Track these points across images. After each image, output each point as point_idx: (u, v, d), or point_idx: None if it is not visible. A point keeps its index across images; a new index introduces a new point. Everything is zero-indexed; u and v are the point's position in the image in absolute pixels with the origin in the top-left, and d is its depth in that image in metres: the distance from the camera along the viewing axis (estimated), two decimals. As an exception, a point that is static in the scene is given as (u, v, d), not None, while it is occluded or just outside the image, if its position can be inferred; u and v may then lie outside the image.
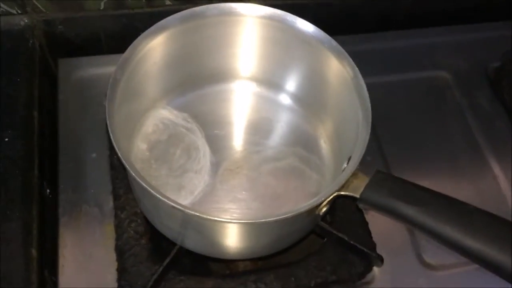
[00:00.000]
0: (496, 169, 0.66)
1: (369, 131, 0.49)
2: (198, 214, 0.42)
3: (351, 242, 0.55)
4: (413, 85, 0.72)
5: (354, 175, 0.46)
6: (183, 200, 0.56)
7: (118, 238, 0.56)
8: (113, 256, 0.56)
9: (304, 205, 0.44)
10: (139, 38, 0.51)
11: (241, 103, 0.63)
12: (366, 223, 0.59)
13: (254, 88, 0.63)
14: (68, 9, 0.65)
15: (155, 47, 0.53)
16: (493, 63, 0.74)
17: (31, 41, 0.64)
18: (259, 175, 0.58)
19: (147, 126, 0.59)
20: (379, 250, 0.57)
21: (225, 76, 0.62)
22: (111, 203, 0.59)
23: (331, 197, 0.45)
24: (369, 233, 0.58)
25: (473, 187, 0.64)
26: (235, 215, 0.55)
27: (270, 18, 0.56)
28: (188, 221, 0.46)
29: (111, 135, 0.44)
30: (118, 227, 0.57)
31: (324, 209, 0.47)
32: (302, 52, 0.56)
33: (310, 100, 0.60)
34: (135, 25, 0.69)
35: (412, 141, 0.67)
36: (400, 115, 0.69)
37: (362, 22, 0.77)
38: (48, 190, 0.59)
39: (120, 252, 0.55)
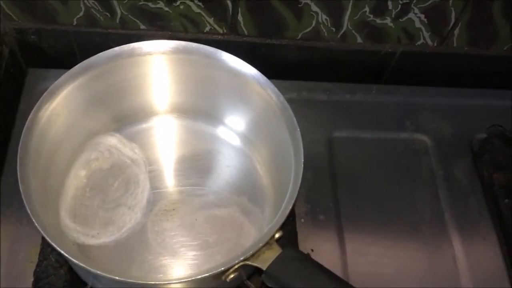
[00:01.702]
0: (458, 250, 0.61)
1: (296, 192, 0.46)
2: (84, 265, 0.40)
3: (274, 308, 0.52)
4: (389, 145, 0.68)
5: (268, 245, 0.43)
6: (108, 236, 0.54)
7: (38, 263, 0.55)
8: (30, 280, 0.54)
9: (203, 271, 0.41)
10: (65, 75, 0.52)
11: (189, 138, 0.61)
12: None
13: (200, 125, 0.61)
14: (40, 21, 0.65)
15: (84, 83, 0.53)
16: (480, 134, 0.69)
17: (-1, 48, 0.64)
18: (194, 220, 0.56)
19: (91, 152, 0.58)
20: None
21: (171, 110, 0.60)
22: (42, 225, 0.57)
23: (236, 266, 0.42)
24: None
25: (429, 264, 0.60)
26: (159, 259, 0.53)
27: (188, 52, 0.54)
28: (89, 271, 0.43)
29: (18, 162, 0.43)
30: (41, 252, 0.55)
31: (232, 275, 0.43)
32: (230, 84, 0.55)
33: (251, 135, 0.59)
34: (109, 45, 0.67)
35: (374, 205, 0.63)
36: (368, 175, 0.65)
37: (348, 71, 0.73)
38: (-14, 202, 0.58)
39: (37, 278, 0.54)
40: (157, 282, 0.40)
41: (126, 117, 0.59)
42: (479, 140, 0.68)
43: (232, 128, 0.60)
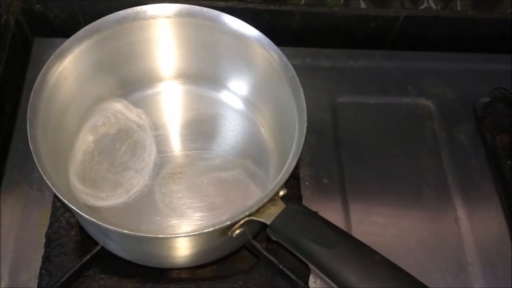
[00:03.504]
0: (460, 211, 0.62)
1: (300, 149, 0.46)
2: (94, 220, 0.41)
3: (280, 267, 0.53)
4: (392, 110, 0.68)
5: (272, 201, 0.44)
6: (117, 199, 0.55)
7: (50, 225, 0.56)
8: (43, 242, 0.55)
9: (209, 225, 0.42)
10: (71, 38, 0.52)
11: (194, 104, 0.61)
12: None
13: (205, 90, 0.62)
14: (44, -11, 0.65)
15: (89, 47, 0.53)
16: (483, 98, 0.69)
17: (4, 17, 0.64)
18: (201, 183, 0.57)
19: (98, 117, 0.59)
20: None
21: (175, 76, 0.61)
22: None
23: (242, 221, 0.43)
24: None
25: (432, 226, 0.61)
26: (167, 220, 0.54)
27: (192, 15, 0.54)
28: (99, 227, 0.45)
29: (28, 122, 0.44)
30: (52, 215, 0.57)
31: (238, 231, 0.45)
32: (233, 47, 0.55)
33: (254, 99, 0.59)
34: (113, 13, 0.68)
35: (378, 169, 0.64)
36: (371, 139, 0.66)
37: (351, 37, 0.73)
38: (-4, 168, 0.60)
39: (49, 240, 0.55)
40: (166, 236, 0.41)
41: (132, 83, 0.60)
42: (482, 104, 0.68)
43: (236, 93, 0.60)
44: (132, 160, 0.57)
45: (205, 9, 0.54)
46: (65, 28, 0.71)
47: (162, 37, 0.56)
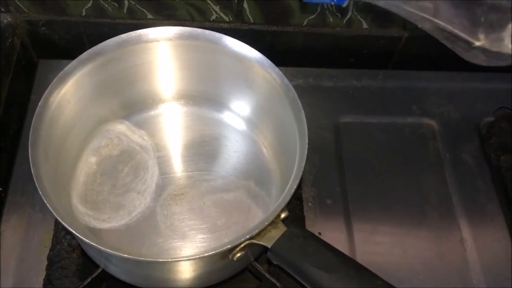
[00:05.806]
0: (465, 233, 0.61)
1: (301, 171, 0.46)
2: (94, 244, 0.41)
3: (282, 290, 0.52)
4: (395, 130, 0.68)
5: (273, 224, 0.44)
6: (119, 221, 0.55)
7: (52, 248, 0.56)
8: (44, 264, 0.55)
9: (210, 249, 0.42)
10: (73, 61, 0.53)
11: (196, 125, 0.62)
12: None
13: (207, 111, 0.62)
14: (50, 12, 0.66)
15: (92, 70, 0.53)
16: (487, 118, 0.68)
17: (9, 40, 0.65)
18: (203, 204, 0.57)
19: (100, 139, 0.59)
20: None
21: (177, 97, 0.61)
22: (55, 211, 0.58)
23: (242, 244, 0.43)
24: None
25: (436, 247, 0.60)
26: (168, 242, 0.54)
27: (193, 38, 0.55)
28: (100, 251, 0.44)
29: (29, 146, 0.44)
30: (54, 237, 0.56)
31: (239, 254, 0.44)
32: (235, 69, 0.56)
33: (257, 120, 0.60)
34: (117, 35, 0.68)
35: (381, 189, 0.63)
36: (374, 160, 0.66)
37: (354, 57, 0.74)
38: (0, 189, 0.60)
39: (50, 262, 0.55)
40: (165, 260, 0.41)
41: (134, 104, 0.60)
42: (486, 123, 0.68)
43: (238, 113, 0.61)
44: (134, 181, 0.57)
45: (206, 31, 0.54)
46: (70, 50, 0.71)
47: (164, 59, 0.57)
